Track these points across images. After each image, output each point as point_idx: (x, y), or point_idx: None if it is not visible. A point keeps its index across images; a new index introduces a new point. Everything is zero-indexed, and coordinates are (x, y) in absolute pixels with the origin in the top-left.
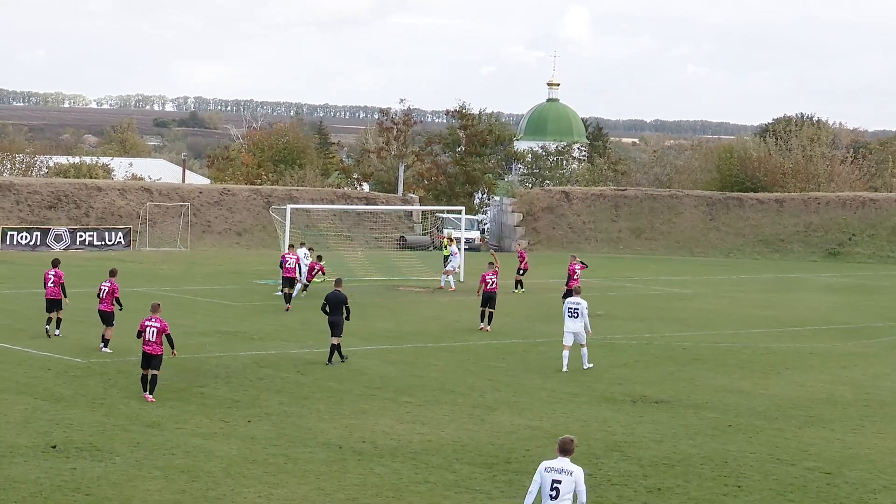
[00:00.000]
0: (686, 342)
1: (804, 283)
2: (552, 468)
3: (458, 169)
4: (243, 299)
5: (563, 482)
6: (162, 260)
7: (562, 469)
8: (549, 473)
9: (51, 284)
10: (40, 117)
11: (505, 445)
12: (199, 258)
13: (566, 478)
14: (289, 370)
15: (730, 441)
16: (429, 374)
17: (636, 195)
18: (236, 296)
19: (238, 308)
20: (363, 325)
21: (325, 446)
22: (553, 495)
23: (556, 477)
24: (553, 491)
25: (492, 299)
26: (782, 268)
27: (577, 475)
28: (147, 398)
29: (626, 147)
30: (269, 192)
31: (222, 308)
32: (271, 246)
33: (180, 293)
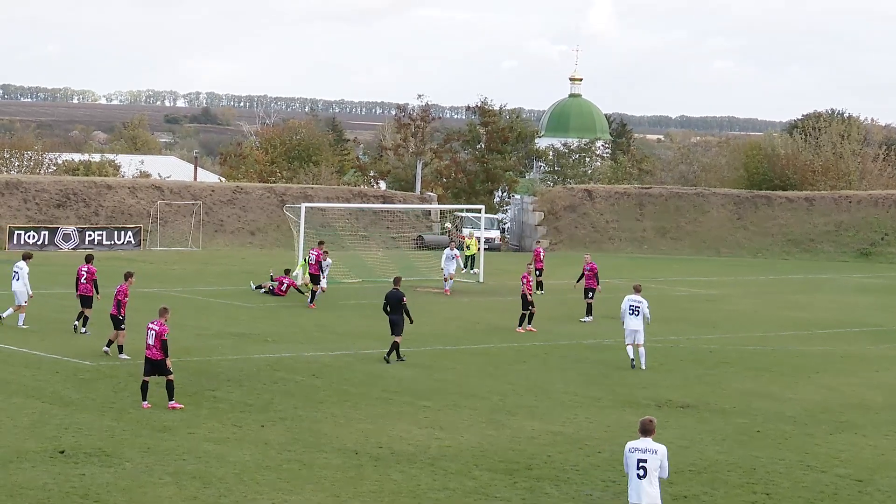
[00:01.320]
0: (713, 345)
1: (835, 284)
2: (636, 448)
3: (478, 166)
4: (257, 300)
5: (648, 461)
6: (173, 260)
7: (646, 448)
8: (633, 454)
9: (83, 281)
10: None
11: (526, 451)
12: (212, 258)
13: (651, 456)
14: (303, 373)
15: (758, 447)
16: (447, 378)
17: (661, 193)
18: (249, 297)
19: (251, 309)
20: (380, 327)
21: (340, 452)
22: (641, 474)
23: (641, 457)
24: (640, 470)
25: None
26: (812, 268)
27: (661, 453)
28: (144, 406)
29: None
30: (283, 191)
31: (235, 309)
32: (285, 245)
33: (192, 294)
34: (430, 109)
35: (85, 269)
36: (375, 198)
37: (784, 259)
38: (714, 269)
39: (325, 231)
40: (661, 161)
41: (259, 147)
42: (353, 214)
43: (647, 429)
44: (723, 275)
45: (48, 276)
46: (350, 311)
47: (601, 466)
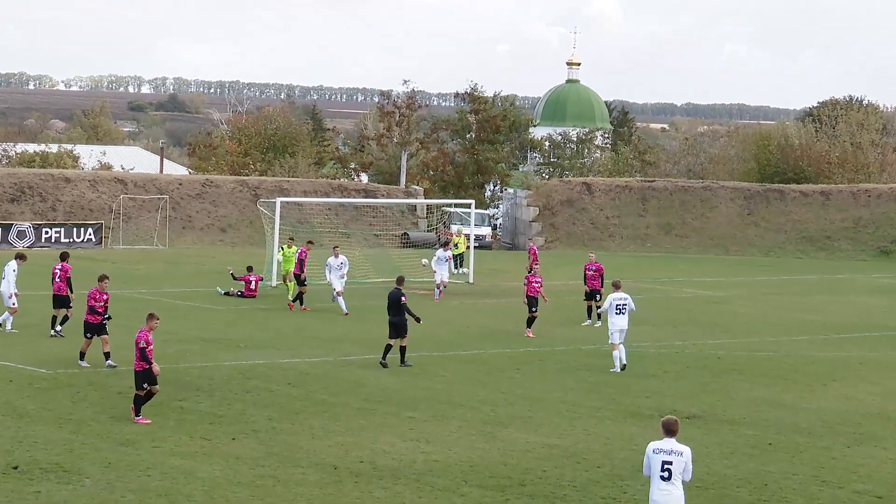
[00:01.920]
0: (721, 350)
1: (853, 285)
2: (661, 449)
3: (468, 158)
4: (228, 303)
5: (674, 463)
6: (137, 259)
7: (671, 450)
8: (658, 455)
9: (57, 279)
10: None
11: (519, 466)
12: (180, 257)
13: (677, 458)
14: (279, 382)
15: (770, 461)
16: (435, 386)
17: (665, 187)
18: (220, 299)
19: (222, 312)
20: (362, 331)
21: (318, 467)
22: (665, 476)
23: (666, 458)
24: (665, 472)
25: (535, 302)
26: (828, 268)
27: (686, 455)
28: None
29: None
30: (257, 184)
31: (205, 312)
32: (259, 243)
33: (158, 296)
34: (416, 96)
35: (59, 267)
36: (357, 192)
37: (798, 258)
38: (722, 269)
39: (302, 228)
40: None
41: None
42: (333, 210)
43: (672, 429)
44: (732, 275)
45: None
46: (329, 315)
47: (601, 482)
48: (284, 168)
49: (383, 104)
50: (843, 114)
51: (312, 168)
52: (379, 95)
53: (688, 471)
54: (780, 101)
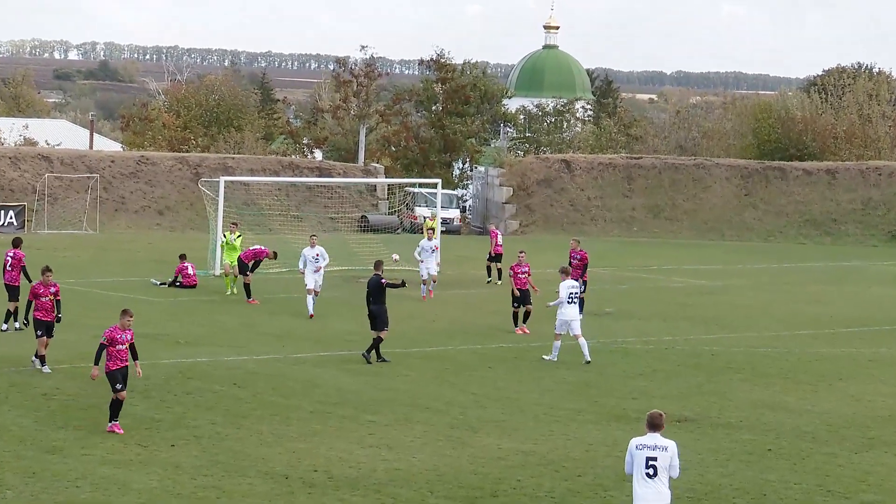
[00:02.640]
0: (716, 347)
1: (862, 273)
2: (644, 445)
3: (434, 132)
4: (166, 294)
5: (658, 458)
6: (65, 245)
7: (655, 445)
8: (641, 451)
9: (9, 268)
10: None
11: (491, 475)
12: (112, 243)
13: (661, 454)
14: (223, 382)
15: (769, 469)
16: (397, 387)
17: (654, 165)
18: (157, 291)
19: (160, 305)
20: (317, 327)
21: (267, 476)
22: (650, 473)
23: (650, 454)
24: (650, 469)
25: (527, 295)
26: (835, 254)
27: (672, 450)
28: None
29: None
30: (198, 162)
31: (141, 305)
32: (200, 228)
33: (88, 286)
34: (375, 64)
35: (11, 254)
36: (310, 170)
37: (801, 243)
38: (717, 256)
39: (248, 210)
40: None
41: (169, 109)
42: (283, 190)
43: (656, 423)
44: (728, 262)
45: None
46: (279, 307)
47: (582, 493)
48: (229, 144)
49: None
50: (850, 83)
51: (260, 144)
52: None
53: (674, 466)
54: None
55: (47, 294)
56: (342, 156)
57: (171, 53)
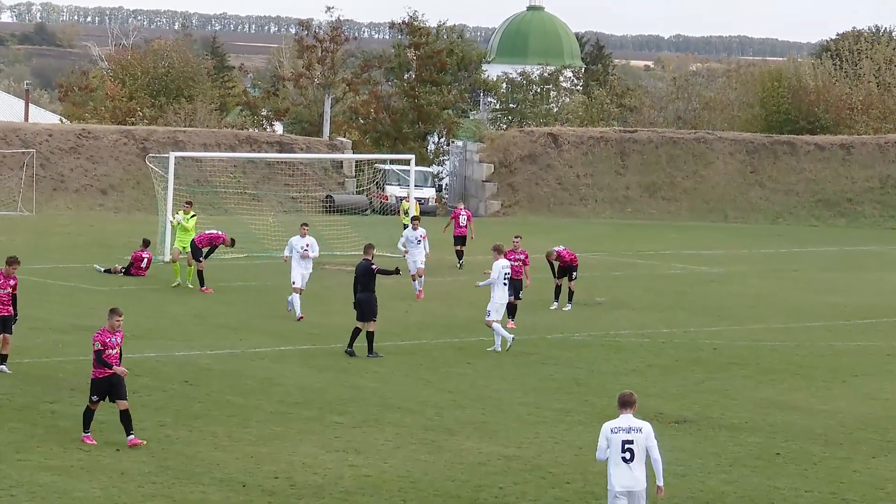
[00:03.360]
0: (718, 340)
1: (880, 259)
2: (619, 428)
3: (407, 103)
4: (111, 282)
5: (635, 441)
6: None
7: (630, 427)
8: (617, 435)
9: None
10: None
11: (470, 482)
12: (50, 225)
13: (637, 436)
14: (174, 380)
15: (777, 475)
16: (366, 385)
17: (650, 139)
18: (101, 279)
19: (104, 294)
20: (276, 319)
21: (222, 484)
22: (627, 458)
23: (626, 437)
24: (626, 453)
25: (518, 287)
26: (850, 238)
27: (647, 431)
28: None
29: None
30: (146, 135)
31: (82, 294)
32: (148, 209)
33: (24, 274)
34: (342, 27)
35: None
36: (269, 145)
37: (812, 225)
38: (720, 239)
39: (201, 189)
40: (650, 95)
41: (113, 77)
42: (240, 167)
43: (628, 401)
44: (732, 246)
45: None
46: (236, 297)
47: (570, 501)
48: (179, 116)
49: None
50: (868, 48)
51: (214, 116)
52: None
53: (652, 447)
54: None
55: (7, 287)
56: (305, 129)
57: (115, 15)
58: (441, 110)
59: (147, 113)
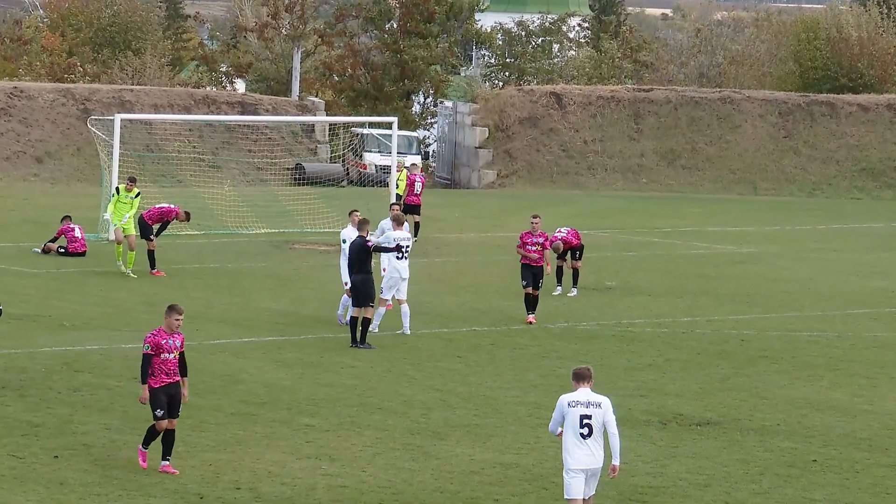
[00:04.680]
0: (747, 330)
1: None
2: (577, 402)
3: (389, 58)
4: (47, 264)
5: (593, 416)
6: None
7: (588, 402)
8: (574, 408)
9: None
10: None
11: (462, 493)
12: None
13: (595, 410)
14: (120, 377)
15: (814, 485)
16: (342, 382)
17: (668, 99)
18: (37, 260)
19: (39, 277)
20: (239, 305)
21: (176, 495)
22: (585, 433)
23: (584, 412)
24: (584, 428)
25: (539, 276)
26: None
27: (605, 405)
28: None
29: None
30: (88, 95)
31: (14, 278)
32: (91, 179)
33: None
34: None
35: None
36: (230, 106)
37: (855, 198)
38: (749, 215)
39: (152, 157)
40: (669, 49)
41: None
42: (196, 131)
43: (584, 374)
44: (762, 223)
45: None
46: (190, 280)
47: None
48: (126, 72)
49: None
50: None
51: (166, 72)
52: None
53: (611, 422)
54: None
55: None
56: (271, 87)
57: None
58: (428, 66)
59: (89, 69)
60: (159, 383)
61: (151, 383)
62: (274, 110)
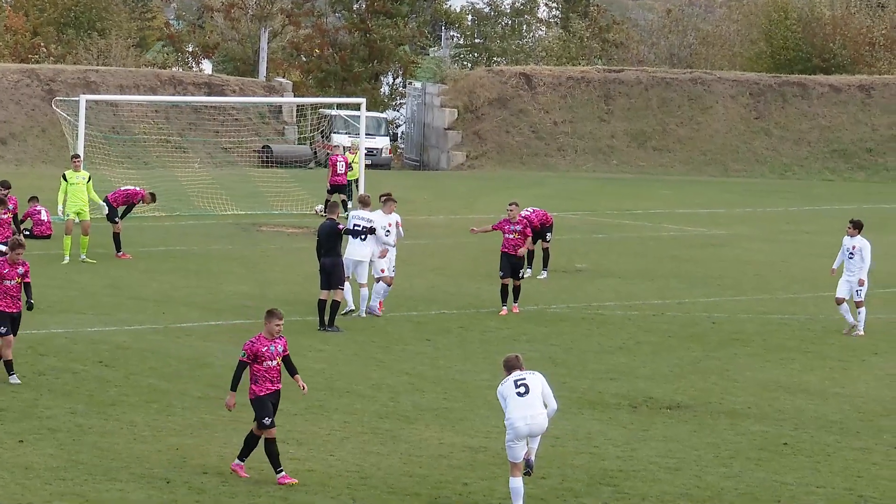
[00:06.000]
0: (717, 313)
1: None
2: (509, 379)
3: (357, 38)
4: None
5: (527, 378)
6: None
7: (522, 374)
8: (508, 382)
9: None
10: None
11: (430, 477)
12: None
13: (530, 376)
14: (86, 360)
15: (785, 468)
16: (310, 366)
17: (638, 80)
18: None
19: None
20: (206, 288)
21: (143, 480)
22: (522, 391)
23: (518, 378)
24: (521, 388)
25: (517, 265)
26: (871, 193)
27: (540, 376)
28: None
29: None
30: (52, 76)
31: None
32: (56, 161)
33: None
34: None
35: None
36: (196, 87)
37: (827, 179)
38: (720, 197)
39: (118, 138)
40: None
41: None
42: (162, 113)
43: (514, 364)
44: (733, 205)
45: None
46: (157, 264)
47: (546, 499)
48: (91, 53)
49: None
50: None
51: (132, 53)
52: None
53: (548, 395)
54: None
55: (13, 276)
56: (238, 68)
57: None
58: (396, 46)
59: (54, 49)
60: (265, 391)
61: (257, 391)
62: (241, 91)
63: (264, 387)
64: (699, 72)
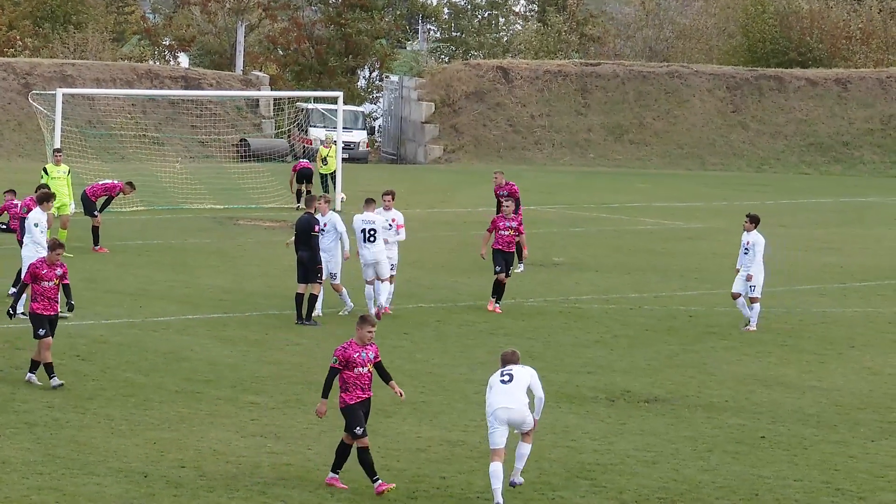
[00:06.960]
0: (694, 306)
1: (881, 212)
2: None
3: (333, 31)
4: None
5: (514, 370)
6: None
7: (511, 368)
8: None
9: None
10: None
11: (408, 471)
12: None
13: (517, 368)
14: (63, 354)
15: (762, 461)
16: (287, 360)
17: (615, 73)
18: None
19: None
20: (183, 281)
21: (120, 474)
22: (506, 380)
23: (504, 370)
24: (505, 376)
25: (507, 262)
26: (847, 187)
27: (529, 370)
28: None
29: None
30: (28, 69)
31: None
32: (33, 155)
33: None
34: None
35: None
36: (173, 80)
37: (804, 173)
38: (697, 190)
39: (94, 132)
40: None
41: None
42: (139, 106)
43: (510, 359)
44: (710, 198)
45: None
46: (133, 257)
47: (523, 493)
48: (68, 46)
49: None
50: None
51: (108, 46)
52: None
53: (537, 386)
54: None
55: (51, 277)
56: (214, 62)
57: None
58: (373, 40)
59: (30, 43)
60: (355, 399)
61: (347, 399)
62: (218, 85)
63: (354, 394)
64: (676, 65)
